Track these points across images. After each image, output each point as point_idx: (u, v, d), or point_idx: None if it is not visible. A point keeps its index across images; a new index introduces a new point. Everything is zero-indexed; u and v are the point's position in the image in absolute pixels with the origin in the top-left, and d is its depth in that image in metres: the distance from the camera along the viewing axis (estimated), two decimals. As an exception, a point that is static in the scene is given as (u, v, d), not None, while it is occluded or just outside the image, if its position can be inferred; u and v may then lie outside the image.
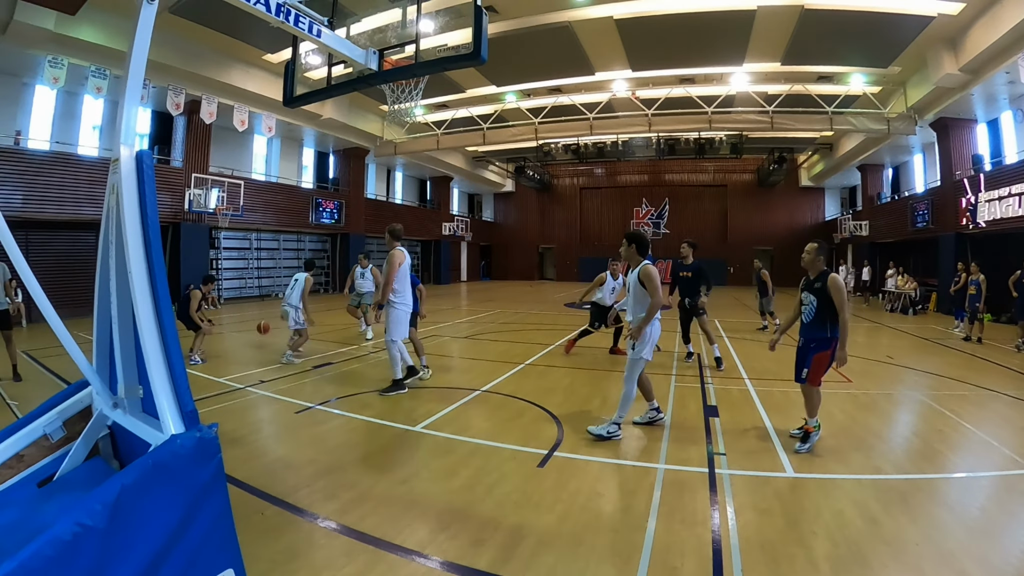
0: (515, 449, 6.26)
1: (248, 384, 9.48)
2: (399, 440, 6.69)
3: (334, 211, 31.48)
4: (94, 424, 3.94)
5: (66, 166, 19.42)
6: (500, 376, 10.06)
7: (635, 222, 46.30)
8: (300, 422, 7.47)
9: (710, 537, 4.29)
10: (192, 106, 22.18)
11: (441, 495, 5.10)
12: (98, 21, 17.19)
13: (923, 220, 25.40)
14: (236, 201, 24.57)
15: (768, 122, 25.63)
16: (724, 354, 11.75)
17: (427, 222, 41.66)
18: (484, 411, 8.02)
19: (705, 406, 8.21)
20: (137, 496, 2.83)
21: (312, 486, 5.28)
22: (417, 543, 4.21)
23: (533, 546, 4.17)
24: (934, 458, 6.18)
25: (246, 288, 27.82)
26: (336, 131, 28.88)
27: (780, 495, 5.09)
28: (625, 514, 4.73)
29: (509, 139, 29.82)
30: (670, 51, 21.65)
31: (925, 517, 4.65)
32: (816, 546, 4.16)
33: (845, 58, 21.63)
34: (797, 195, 44.05)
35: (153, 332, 3.44)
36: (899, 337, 16.16)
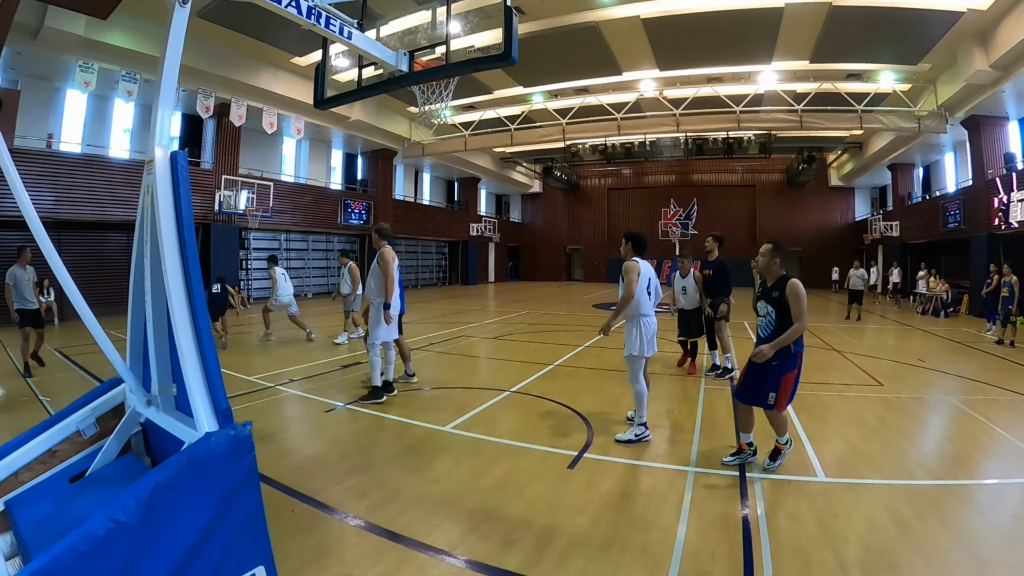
0: (544, 450, 6.25)
1: (278, 383, 9.58)
2: (428, 440, 6.71)
3: (363, 212, 31.71)
4: (127, 421, 4.01)
5: (97, 168, 19.81)
6: (529, 377, 10.05)
7: (663, 223, 46.03)
8: (330, 421, 7.54)
9: (741, 541, 4.25)
10: (222, 109, 22.49)
11: (471, 495, 5.10)
12: (128, 26, 17.47)
13: (955, 220, 24.97)
14: (265, 202, 24.88)
15: (797, 121, 25.42)
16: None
17: (454, 223, 41.83)
18: (513, 412, 8.02)
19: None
20: (171, 493, 2.89)
21: (342, 484, 5.32)
22: (447, 543, 4.22)
23: (564, 547, 4.15)
24: (966, 463, 6.06)
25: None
26: (364, 133, 29.05)
27: (811, 500, 5.01)
28: (656, 517, 4.67)
29: (537, 140, 29.86)
30: (697, 50, 21.53)
31: (957, 523, 4.58)
32: (847, 551, 4.09)
33: (874, 55, 21.34)
34: (827, 195, 43.58)
35: (188, 330, 3.47)
36: (930, 340, 15.86)
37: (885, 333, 17.58)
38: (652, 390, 8.25)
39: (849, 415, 7.79)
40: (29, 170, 17.60)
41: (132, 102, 21.04)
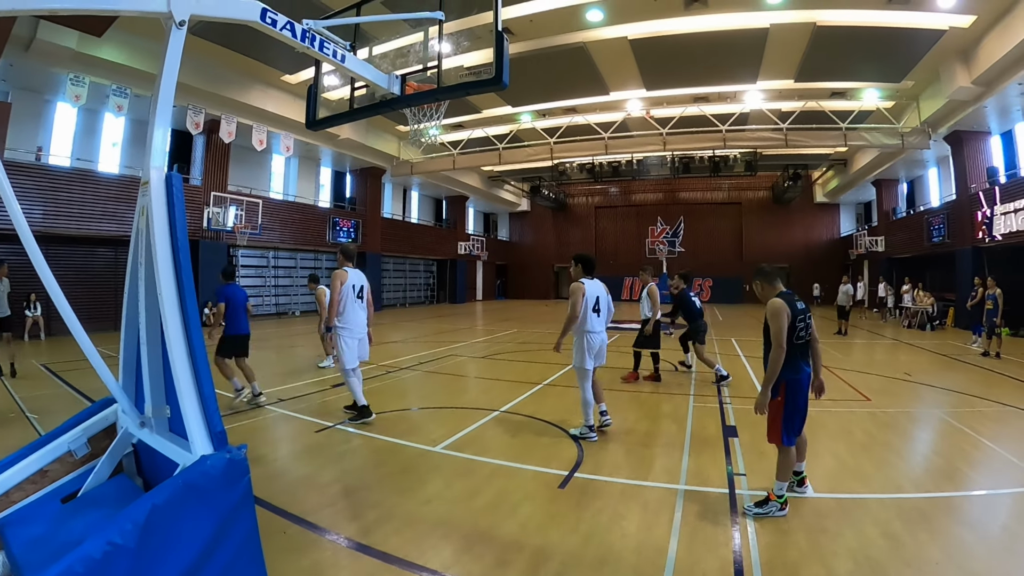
0: (535, 470, 6.24)
1: (268, 403, 9.52)
2: (420, 460, 6.69)
3: (351, 230, 31.72)
4: (119, 442, 4.03)
5: (86, 183, 19.74)
6: (519, 396, 10.03)
7: (650, 240, 46.20)
8: (321, 441, 7.50)
9: (732, 558, 4.27)
10: (211, 125, 22.51)
11: (464, 516, 5.09)
12: (120, 41, 17.56)
13: (939, 234, 25.35)
14: (254, 219, 24.85)
15: (782, 139, 25.77)
16: (736, 373, 12.06)
17: (443, 241, 41.87)
18: (503, 432, 7.99)
19: (724, 426, 8.14)
20: (167, 516, 2.92)
21: (335, 505, 5.33)
22: (442, 564, 4.22)
23: (557, 567, 4.15)
24: (954, 476, 6.14)
25: (263, 306, 27.89)
26: (353, 151, 29.14)
27: (801, 516, 5.01)
28: (647, 535, 4.67)
29: (525, 159, 30.09)
30: (684, 70, 21.82)
31: (946, 536, 4.63)
32: (838, 566, 4.11)
33: (858, 74, 21.76)
34: (812, 211, 44.11)
35: (183, 352, 3.50)
36: (917, 353, 16.02)
37: (872, 348, 17.74)
38: (643, 408, 8.86)
39: (838, 431, 7.85)
40: (18, 183, 17.20)
41: (122, 116, 20.94)
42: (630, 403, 9.57)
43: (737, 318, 29.21)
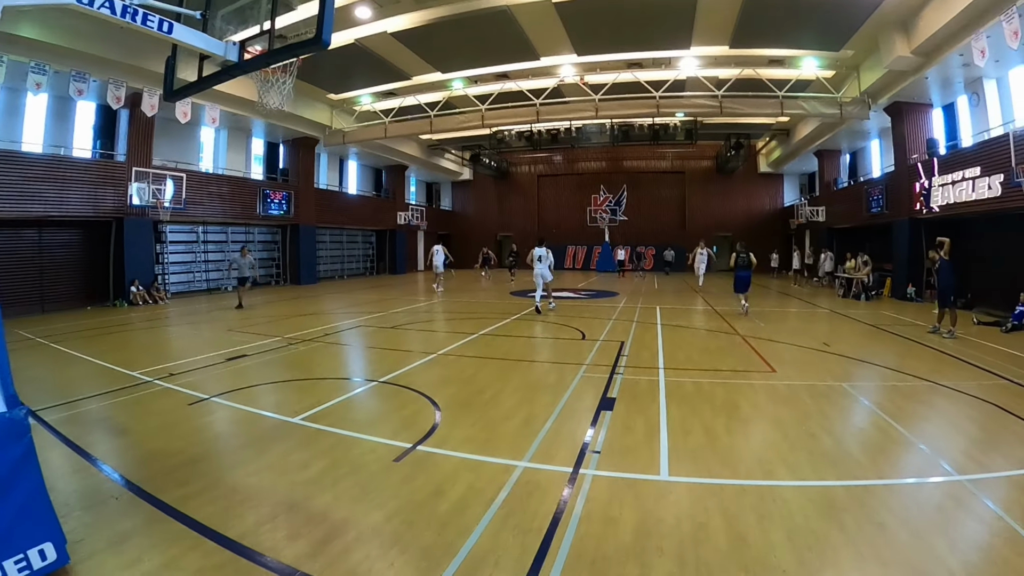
0: (379, 442, 6.22)
1: (157, 376, 9.48)
2: (273, 431, 6.70)
3: (283, 202, 31.05)
4: None
5: (9, 163, 19.05)
6: (406, 366, 10.00)
7: (592, 209, 46.31)
8: (188, 414, 7.49)
9: (537, 547, 4.04)
10: (134, 99, 21.87)
11: (285, 487, 5.12)
12: (34, 17, 16.95)
13: (878, 205, 25.26)
14: (179, 194, 24.22)
15: (718, 106, 25.55)
16: (645, 343, 12.11)
17: (381, 212, 41.33)
18: (370, 403, 8.08)
19: (603, 398, 7.94)
20: None
21: (171, 475, 5.36)
22: (239, 532, 4.25)
23: (348, 543, 4.15)
24: (841, 462, 5.59)
25: (195, 282, 27.47)
26: (284, 121, 28.50)
27: (640, 502, 4.73)
28: (458, 515, 4.53)
29: (457, 126, 29.67)
30: (614, 34, 21.51)
31: (807, 537, 4.11)
32: (657, 566, 3.80)
33: (795, 41, 21.50)
34: (756, 181, 44.27)
35: None
36: (843, 323, 15.90)
37: (798, 316, 17.64)
38: (526, 377, 9.15)
39: (724, 404, 7.60)
40: None
41: (44, 94, 20.38)
42: (517, 373, 9.60)
43: (673, 284, 29.51)
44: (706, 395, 7.95)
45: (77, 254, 22.17)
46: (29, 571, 3.53)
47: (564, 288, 26.61)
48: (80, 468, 5.63)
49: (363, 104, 30.20)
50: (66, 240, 21.83)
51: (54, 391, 8.64)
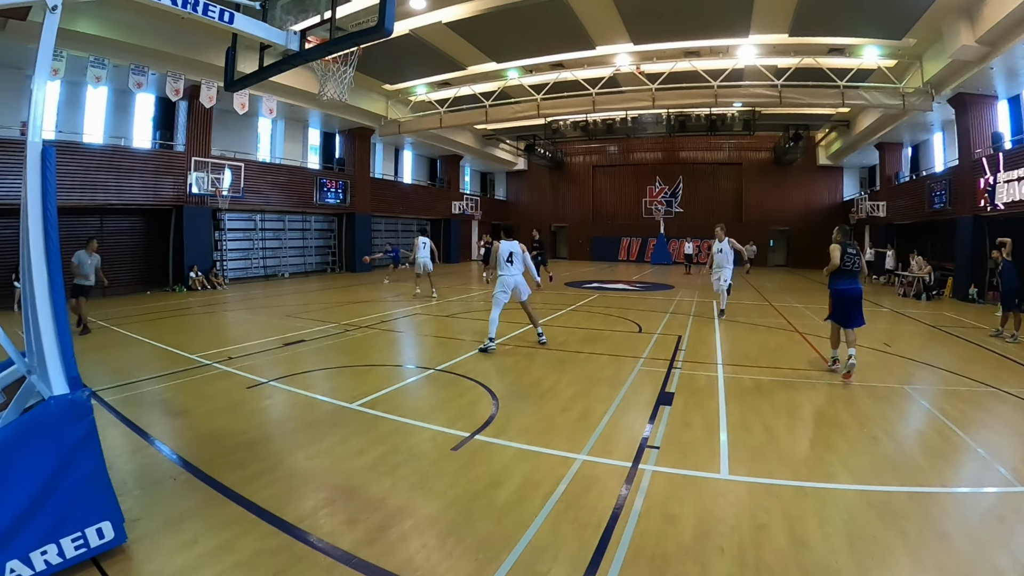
0: (437, 430, 6.23)
1: (215, 360, 9.70)
2: (331, 416, 6.77)
3: (339, 191, 31.49)
4: (24, 389, 4.29)
5: (73, 154, 19.81)
6: (462, 355, 10.03)
7: (648, 200, 45.91)
8: (247, 397, 7.64)
9: (596, 542, 3.96)
10: (192, 91, 22.38)
11: (342, 472, 5.15)
12: (94, 14, 17.47)
13: (940, 201, 24.22)
14: (237, 183, 24.80)
15: (777, 97, 24.93)
16: (703, 338, 11.90)
17: (436, 201, 41.59)
18: (427, 390, 8.10)
19: (662, 392, 7.81)
20: (14, 447, 3.48)
21: (230, 457, 5.46)
22: (296, 517, 4.29)
23: (405, 531, 4.14)
24: (904, 467, 5.36)
25: (252, 268, 28.04)
26: (340, 111, 28.79)
27: (701, 500, 4.62)
28: (516, 507, 4.49)
29: (512, 116, 29.63)
30: (670, 22, 21.13)
31: (867, 542, 3.97)
32: (716, 566, 3.70)
33: (856, 29, 20.77)
34: (815, 174, 42.88)
35: (47, 311, 3.84)
36: (904, 323, 15.18)
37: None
38: (583, 369, 8.97)
39: (784, 403, 7.37)
40: (4, 158, 17.79)
41: (103, 87, 20.93)
42: (574, 365, 9.51)
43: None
44: (766, 393, 7.76)
45: (138, 240, 22.99)
46: (85, 548, 3.62)
47: (618, 280, 26.42)
48: (139, 448, 5.76)
49: (418, 94, 30.31)
50: (127, 227, 22.67)
51: (115, 372, 8.88)
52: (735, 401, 7.41)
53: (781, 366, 9.48)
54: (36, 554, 3.42)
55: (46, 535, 3.47)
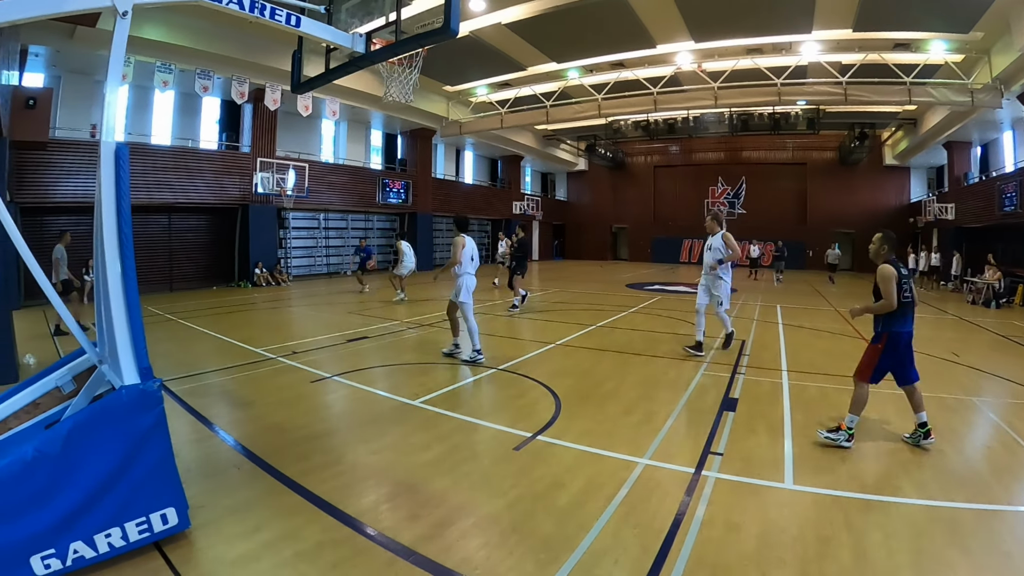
0: (499, 429, 6.26)
1: (280, 354, 9.98)
2: (394, 412, 6.88)
3: (401, 191, 32.11)
4: (95, 377, 4.61)
5: (141, 155, 20.55)
6: (524, 355, 10.03)
7: (710, 201, 45.25)
8: (311, 391, 7.83)
9: (657, 548, 3.90)
10: (257, 94, 23.19)
11: (405, 468, 5.22)
12: (160, 20, 18.28)
13: (1011, 203, 23.36)
14: (301, 183, 25.50)
15: (842, 94, 24.28)
16: (767, 343, 11.66)
17: (497, 201, 41.94)
18: (489, 389, 8.12)
19: (725, 398, 7.64)
20: (85, 433, 3.60)
21: (293, 448, 5.60)
22: (357, 510, 4.37)
23: (466, 528, 4.16)
24: (971, 483, 5.11)
25: (316, 266, 28.88)
26: (401, 113, 29.19)
27: (764, 509, 4.50)
28: (578, 509, 4.44)
29: (573, 116, 29.66)
30: (731, 19, 20.88)
31: (931, 559, 3.84)
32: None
33: (921, 22, 20.14)
34: (881, 174, 41.41)
35: (120, 304, 3.96)
36: (973, 332, 14.26)
37: (924, 323, 15.48)
38: (645, 372, 8.85)
39: (845, 412, 6.85)
40: (75, 159, 18.87)
41: (170, 91, 21.83)
42: (636, 367, 9.43)
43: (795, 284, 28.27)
44: (831, 402, 7.51)
45: (204, 238, 23.98)
46: (149, 533, 3.77)
47: (680, 282, 26.16)
48: (204, 437, 5.96)
49: (479, 95, 30.63)
50: (194, 225, 23.65)
51: (181, 364, 9.19)
52: (800, 409, 7.21)
53: (846, 374, 9.09)
54: (100, 536, 3.57)
55: (111, 519, 3.62)
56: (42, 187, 18.37)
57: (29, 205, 17.89)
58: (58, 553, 3.40)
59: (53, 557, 3.39)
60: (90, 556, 3.52)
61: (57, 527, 3.41)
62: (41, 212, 18.52)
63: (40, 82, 19.15)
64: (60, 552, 3.41)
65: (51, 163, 18.38)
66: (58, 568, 3.41)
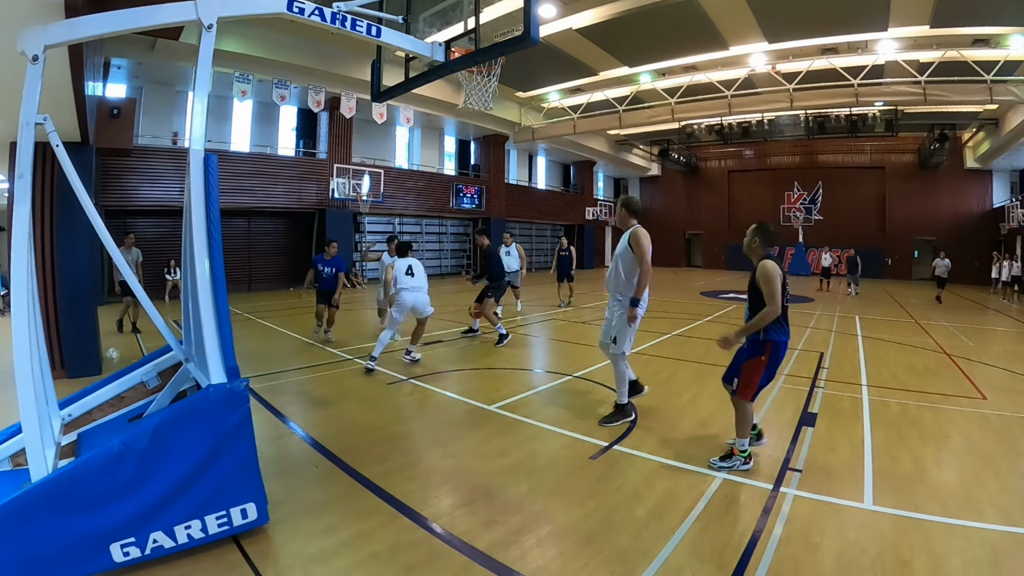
0: (576, 437, 6.22)
1: (357, 356, 10.28)
2: (470, 416, 6.97)
3: (475, 196, 32.56)
4: (179, 374, 4.90)
5: (221, 161, 20.99)
6: (599, 363, 9.81)
7: (786, 207, 44.21)
8: (387, 393, 8.03)
9: (734, 565, 3.84)
10: (333, 103, 23.92)
11: (482, 473, 5.27)
12: (238, 32, 19.16)
13: None
14: (376, 188, 26.14)
15: (920, 94, 23.56)
16: (846, 356, 11.31)
17: (570, 207, 42.02)
18: (565, 397, 8.04)
19: (804, 412, 7.41)
20: (173, 428, 3.78)
21: (371, 449, 5.75)
22: (434, 513, 4.45)
23: (543, 536, 4.16)
24: None
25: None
26: (474, 119, 29.67)
27: (844, 529, 4.33)
28: (656, 521, 4.40)
29: (645, 121, 29.59)
30: (805, 18, 20.42)
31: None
32: None
33: (1001, 16, 19.26)
34: (962, 178, 39.26)
35: (209, 305, 4.13)
36: None
37: (1008, 337, 14.96)
38: (719, 384, 8.29)
39: (933, 431, 6.76)
40: (157, 165, 20.02)
41: (249, 100, 22.55)
42: (713, 378, 9.24)
43: (874, 293, 27.48)
44: (913, 420, 7.23)
45: (282, 241, 24.96)
46: (228, 527, 3.92)
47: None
48: (283, 435, 6.15)
49: (551, 101, 30.74)
50: (272, 228, 24.70)
51: (261, 362, 9.54)
52: (881, 426, 6.95)
53: (929, 390, 8.76)
54: (180, 528, 3.73)
55: (193, 512, 3.78)
56: (126, 191, 19.46)
57: (113, 208, 18.90)
58: (138, 542, 3.58)
59: (132, 546, 3.56)
60: (169, 546, 3.68)
61: (138, 518, 3.59)
62: (124, 215, 19.64)
63: (122, 93, 20.22)
64: (140, 541, 3.59)
65: (134, 169, 19.42)
66: (136, 556, 3.58)
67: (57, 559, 3.36)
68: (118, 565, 3.53)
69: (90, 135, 8.94)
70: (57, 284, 8.55)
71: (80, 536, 3.41)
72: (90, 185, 10.48)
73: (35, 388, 3.71)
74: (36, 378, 3.80)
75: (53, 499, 3.39)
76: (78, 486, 3.46)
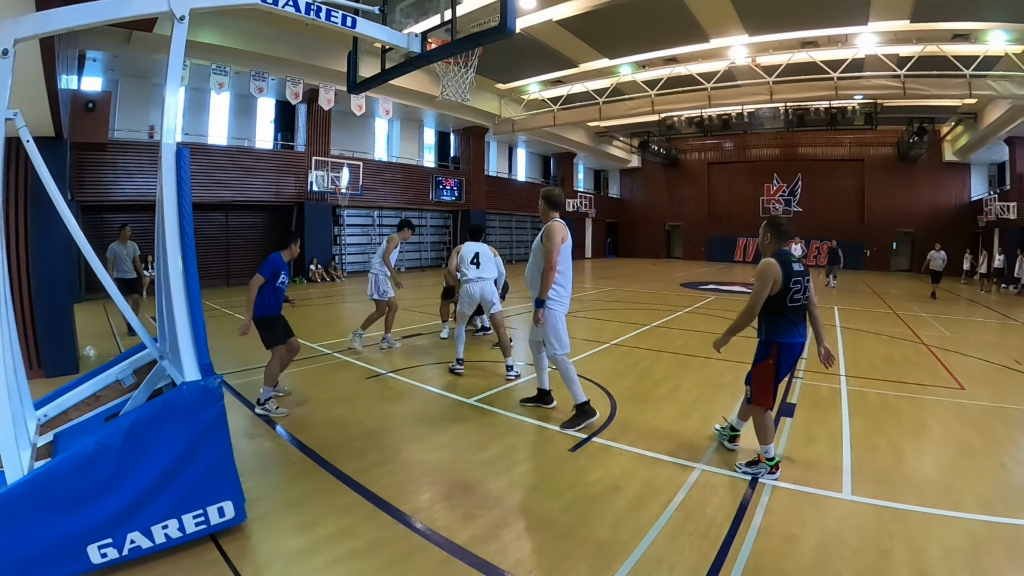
0: (555, 430, 6.22)
1: (336, 350, 10.23)
2: (449, 411, 6.95)
3: (454, 188, 32.61)
4: (154, 372, 4.80)
5: (199, 154, 21.31)
6: (579, 355, 9.79)
7: (765, 199, 44.43)
8: (366, 388, 7.98)
9: (713, 557, 3.84)
10: (311, 95, 23.73)
11: (461, 467, 5.25)
12: (215, 24, 18.89)
13: None
14: (356, 181, 26.04)
15: (900, 88, 23.68)
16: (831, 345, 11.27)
17: (549, 199, 41.67)
18: (545, 390, 8.03)
19: (783, 403, 7.34)
20: (147, 427, 3.72)
21: (349, 445, 5.71)
22: (413, 508, 4.43)
23: (521, 530, 4.17)
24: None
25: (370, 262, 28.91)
26: (454, 111, 29.51)
27: (823, 520, 4.36)
28: (634, 513, 4.41)
29: (626, 113, 29.56)
30: (785, 11, 20.43)
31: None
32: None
33: (981, 12, 19.43)
34: (941, 171, 39.53)
35: (182, 302, 4.08)
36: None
37: (986, 328, 15.15)
38: (701, 375, 8.80)
39: (911, 421, 6.85)
40: (134, 159, 19.71)
41: (226, 92, 22.41)
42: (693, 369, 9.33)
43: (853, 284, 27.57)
44: (892, 409, 7.29)
45: (260, 235, 24.57)
46: (205, 525, 3.88)
47: (735, 283, 25.83)
48: (261, 432, 6.10)
49: (531, 93, 30.69)
50: (250, 222, 24.39)
51: (238, 358, 9.41)
52: (859, 416, 7.01)
53: (907, 380, 8.86)
54: (158, 527, 3.69)
55: (170, 511, 3.74)
56: (101, 186, 19.20)
57: (89, 203, 18.70)
58: (115, 543, 3.53)
59: (110, 547, 3.52)
60: (146, 546, 3.64)
61: (115, 518, 3.54)
62: (100, 210, 19.33)
63: (98, 86, 20.03)
64: (117, 542, 3.54)
65: (110, 163, 19.14)
66: (114, 557, 3.53)
67: (33, 562, 3.32)
68: (96, 567, 3.48)
69: (64, 129, 8.79)
70: (32, 282, 8.39)
71: (57, 538, 3.37)
72: (64, 180, 10.38)
73: (8, 389, 3.65)
74: (10, 379, 3.73)
75: (28, 501, 3.35)
76: (53, 487, 3.42)
